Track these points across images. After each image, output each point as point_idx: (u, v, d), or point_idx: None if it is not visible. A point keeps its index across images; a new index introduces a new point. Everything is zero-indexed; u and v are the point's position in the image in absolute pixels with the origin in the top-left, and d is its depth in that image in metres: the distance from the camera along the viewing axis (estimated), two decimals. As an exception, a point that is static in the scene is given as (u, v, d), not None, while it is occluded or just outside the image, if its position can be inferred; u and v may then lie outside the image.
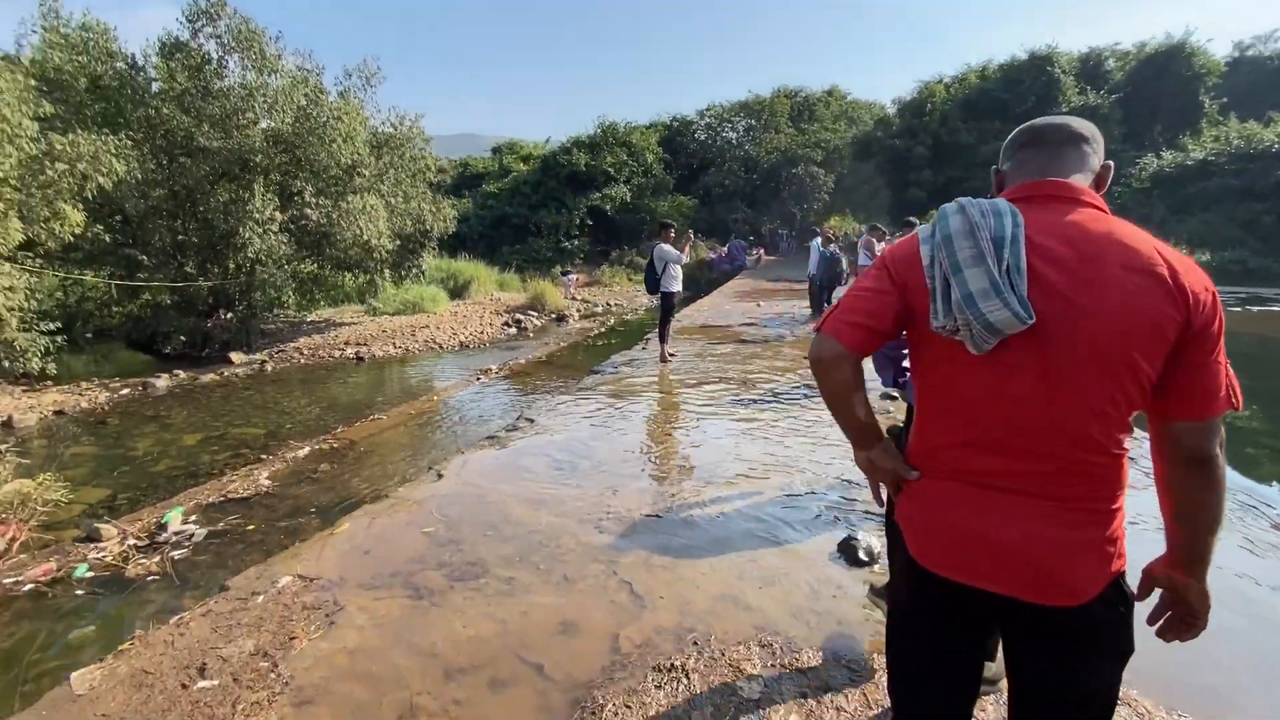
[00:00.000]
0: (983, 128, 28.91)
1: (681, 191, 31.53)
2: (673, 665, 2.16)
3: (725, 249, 25.60)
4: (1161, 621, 1.19)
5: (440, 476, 3.99)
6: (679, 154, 34.86)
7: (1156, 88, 31.51)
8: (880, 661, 2.22)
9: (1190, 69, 32.21)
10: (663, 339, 8.00)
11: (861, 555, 2.88)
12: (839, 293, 11.02)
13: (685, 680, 2.09)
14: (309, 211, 12.42)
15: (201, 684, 2.06)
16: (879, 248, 8.73)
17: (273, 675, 2.11)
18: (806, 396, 5.94)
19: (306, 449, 6.22)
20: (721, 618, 2.46)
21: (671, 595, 2.61)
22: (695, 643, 2.29)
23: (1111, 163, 1.22)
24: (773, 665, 2.17)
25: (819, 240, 11.66)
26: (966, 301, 1.04)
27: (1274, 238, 21.48)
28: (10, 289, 8.27)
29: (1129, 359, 1.02)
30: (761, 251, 29.04)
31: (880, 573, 2.79)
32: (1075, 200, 1.12)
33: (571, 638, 2.35)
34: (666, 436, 4.93)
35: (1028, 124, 1.24)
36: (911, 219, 8.75)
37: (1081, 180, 1.15)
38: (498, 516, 3.37)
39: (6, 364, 8.45)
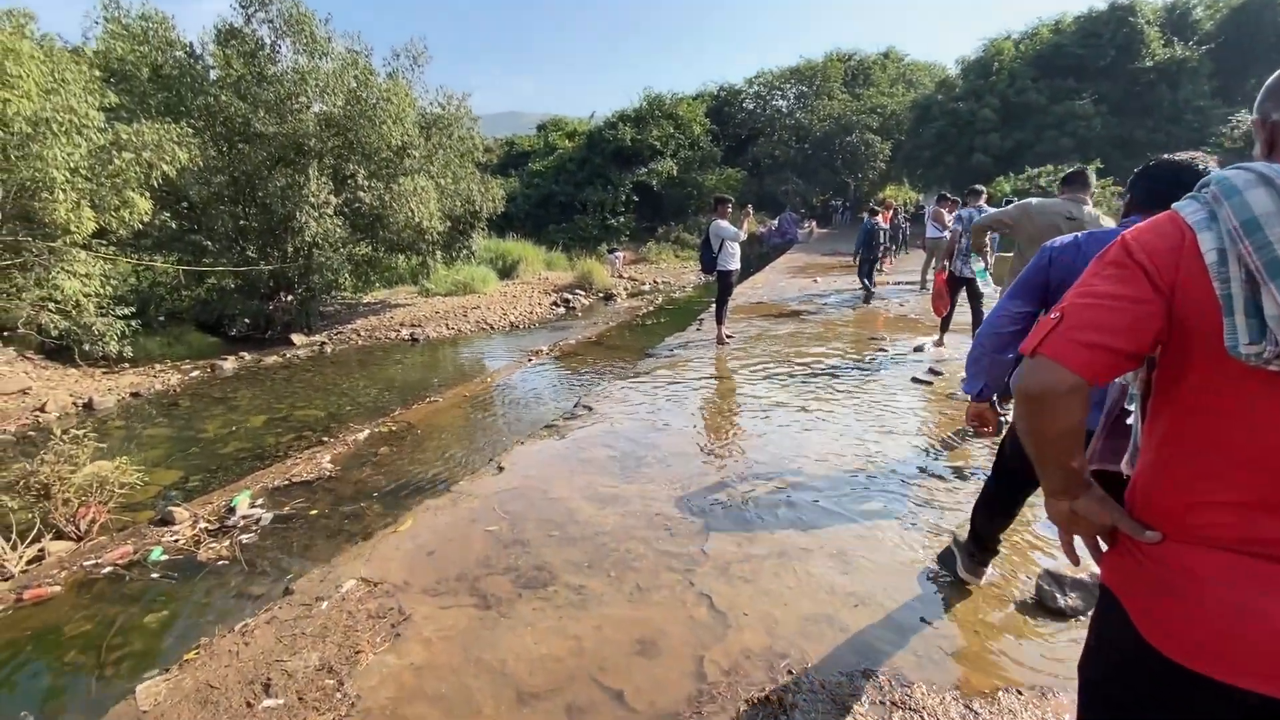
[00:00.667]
0: (1055, 86, 26.95)
1: (729, 164, 30.67)
2: (768, 698, 1.94)
3: (775, 222, 24.81)
4: None
5: (501, 470, 3.85)
6: (727, 124, 33.87)
7: (1252, 37, 28.68)
8: (1010, 699, 1.94)
9: (1292, 14, 29.16)
10: (720, 320, 7.69)
11: (961, 572, 2.58)
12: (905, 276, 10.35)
13: (786, 718, 1.86)
14: (362, 194, 12.51)
15: (266, 702, 1.96)
16: (949, 219, 8.11)
17: (339, 695, 1.99)
18: (866, 376, 5.57)
19: (366, 431, 6.24)
20: (816, 641, 2.22)
21: (756, 612, 2.38)
22: (790, 671, 2.06)
23: None
24: (883, 702, 1.92)
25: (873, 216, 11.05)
26: None
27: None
28: (87, 275, 8.59)
29: None
30: (814, 224, 28.09)
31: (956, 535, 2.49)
32: None
33: (651, 659, 2.15)
34: (730, 425, 4.67)
35: None
36: (978, 187, 8.00)
37: None
38: (562, 515, 3.21)
39: (87, 347, 8.82)
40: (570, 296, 15.79)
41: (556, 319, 13.76)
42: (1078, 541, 1.04)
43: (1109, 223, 2.99)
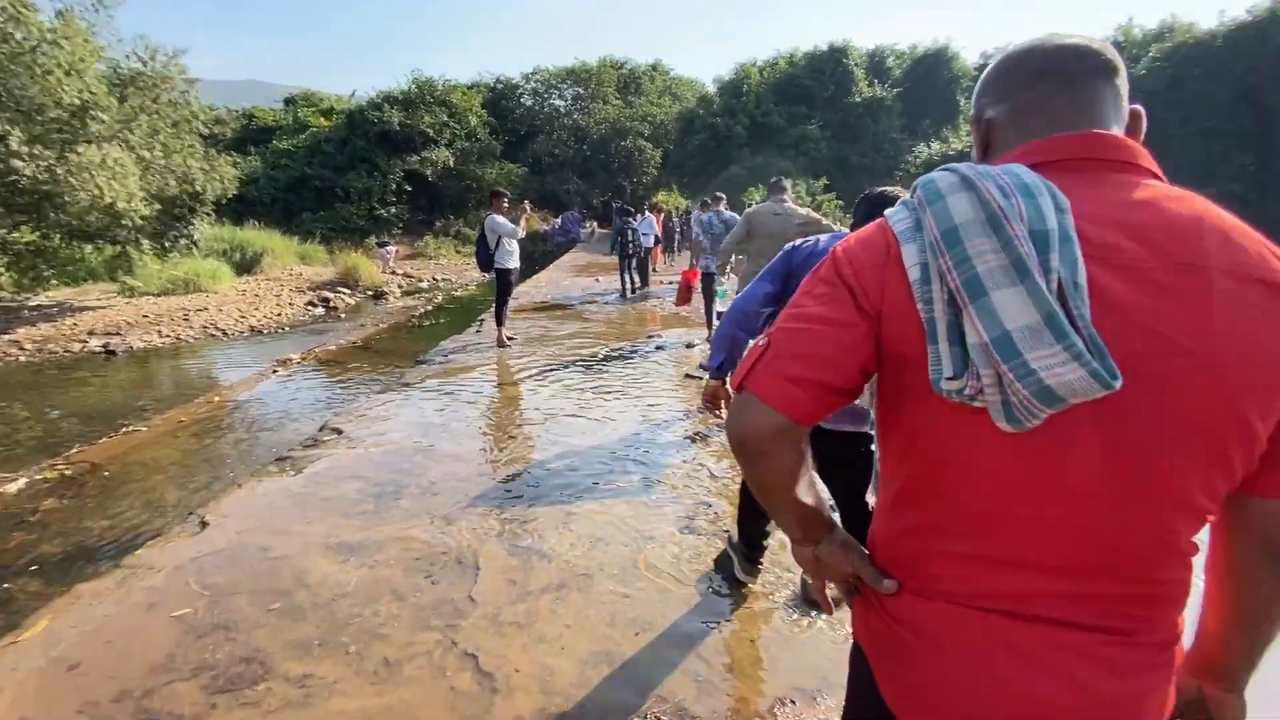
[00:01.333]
0: (792, 111, 31.00)
1: (510, 159, 30.00)
2: (540, 782, 1.65)
3: (559, 220, 24.88)
4: None
5: (204, 525, 2.99)
6: (505, 118, 33.12)
7: (927, 85, 36.19)
8: (785, 711, 1.90)
9: (950, 71, 37.45)
10: (499, 321, 7.25)
11: (738, 574, 2.57)
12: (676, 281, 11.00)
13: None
14: (18, 163, 9.54)
15: None
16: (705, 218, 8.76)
17: None
18: (644, 374, 5.66)
19: (22, 480, 4.66)
20: (596, 688, 1.98)
21: (530, 666, 2.08)
22: (566, 735, 1.80)
23: (1140, 108, 0.79)
24: (667, 754, 1.75)
25: (649, 218, 11.57)
26: (1002, 348, 0.61)
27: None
28: None
29: (1243, 423, 0.64)
30: (595, 224, 28.75)
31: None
32: (1133, 166, 0.71)
33: (397, 761, 1.72)
34: (509, 438, 4.31)
35: (1028, 46, 0.77)
36: (718, 194, 8.78)
37: (1119, 128, 0.75)
38: (288, 579, 2.55)
39: None
40: (331, 295, 13.93)
41: (313, 321, 11.99)
42: (831, 587, 0.89)
43: (816, 216, 3.73)
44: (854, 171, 31.55)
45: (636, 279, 11.67)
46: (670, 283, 12.33)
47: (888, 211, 0.76)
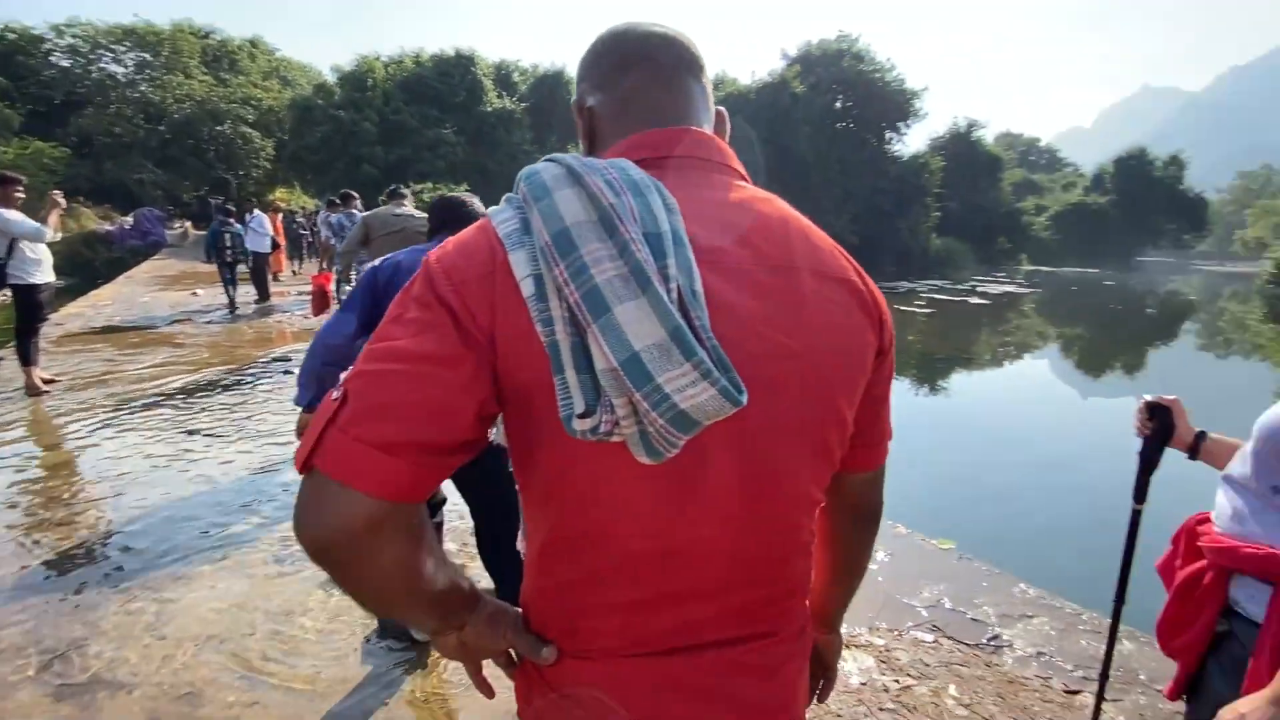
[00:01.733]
0: (424, 113, 30.18)
1: (38, 134, 22.07)
2: None
3: (130, 219, 19.31)
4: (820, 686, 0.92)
5: None
6: (25, 81, 24.35)
7: (551, 103, 39.33)
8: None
9: (569, 94, 41.35)
10: (26, 360, 5.17)
11: (413, 631, 2.26)
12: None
13: None
14: None
15: None
16: (334, 219, 7.91)
17: None
18: (262, 404, 4.74)
19: None
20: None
21: None
22: None
23: (724, 110, 0.80)
24: None
25: (260, 217, 9.84)
26: (632, 372, 0.51)
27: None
28: None
29: (838, 413, 0.66)
30: (188, 224, 23.26)
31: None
32: (728, 167, 0.70)
33: None
34: (66, 514, 3.05)
35: (622, 30, 0.72)
36: (349, 192, 8.12)
37: (709, 125, 0.74)
38: None
39: None
40: None
41: None
42: (489, 666, 0.74)
43: None
44: (494, 178, 32.41)
45: (254, 291, 9.82)
46: (301, 294, 10.68)
47: (491, 210, 0.61)
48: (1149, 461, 1.35)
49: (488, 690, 0.77)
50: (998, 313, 17.13)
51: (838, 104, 30.76)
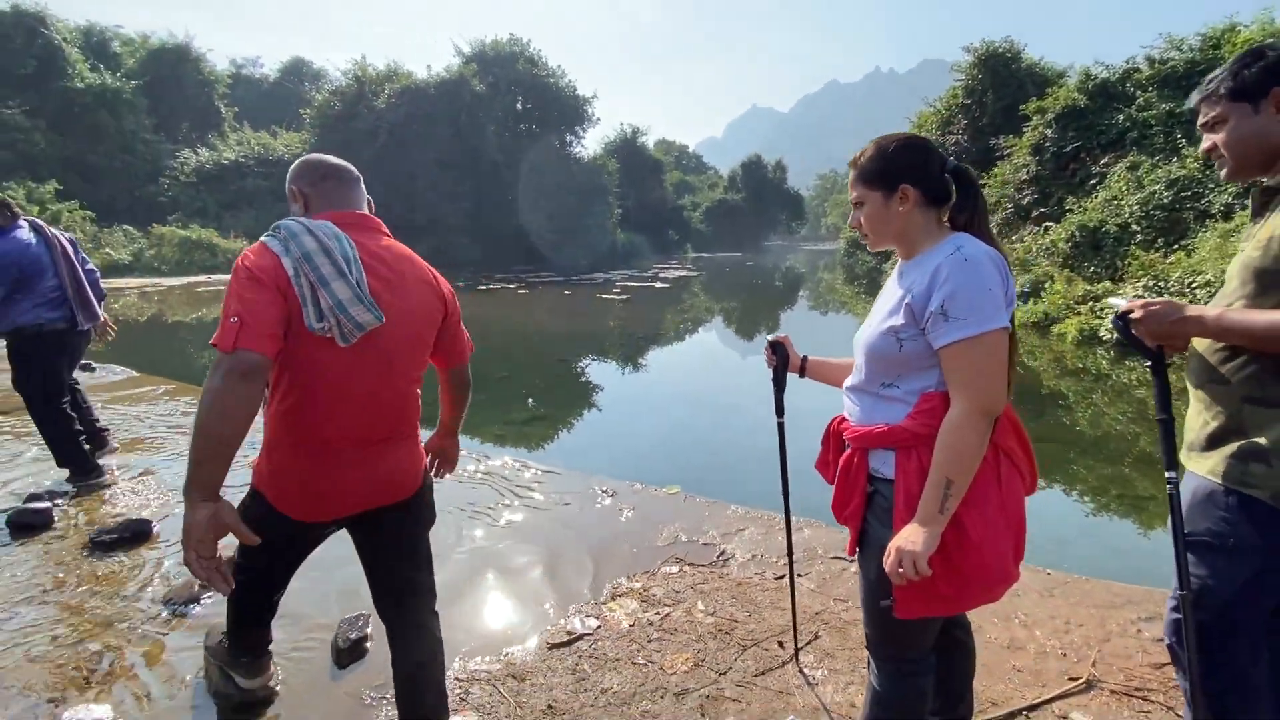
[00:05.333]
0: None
1: None
2: None
3: None
4: (438, 465, 1.85)
5: None
6: None
7: (175, 84, 32.23)
8: None
9: (200, 74, 34.52)
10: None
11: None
12: None
13: None
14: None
15: None
16: None
17: None
18: None
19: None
20: None
21: None
22: None
23: (371, 201, 1.59)
24: None
25: None
26: (337, 308, 1.31)
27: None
28: None
29: (425, 338, 1.54)
30: None
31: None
32: (379, 229, 1.52)
33: None
34: None
35: (319, 159, 1.52)
36: None
37: (366, 209, 1.54)
38: None
39: None
40: None
41: None
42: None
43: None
44: (101, 175, 25.38)
45: None
46: None
47: (264, 238, 1.36)
48: (779, 383, 1.80)
49: (226, 583, 1.23)
50: (677, 294, 19.82)
51: (518, 105, 31.61)
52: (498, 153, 28.83)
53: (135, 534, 2.87)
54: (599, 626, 2.33)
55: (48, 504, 3.08)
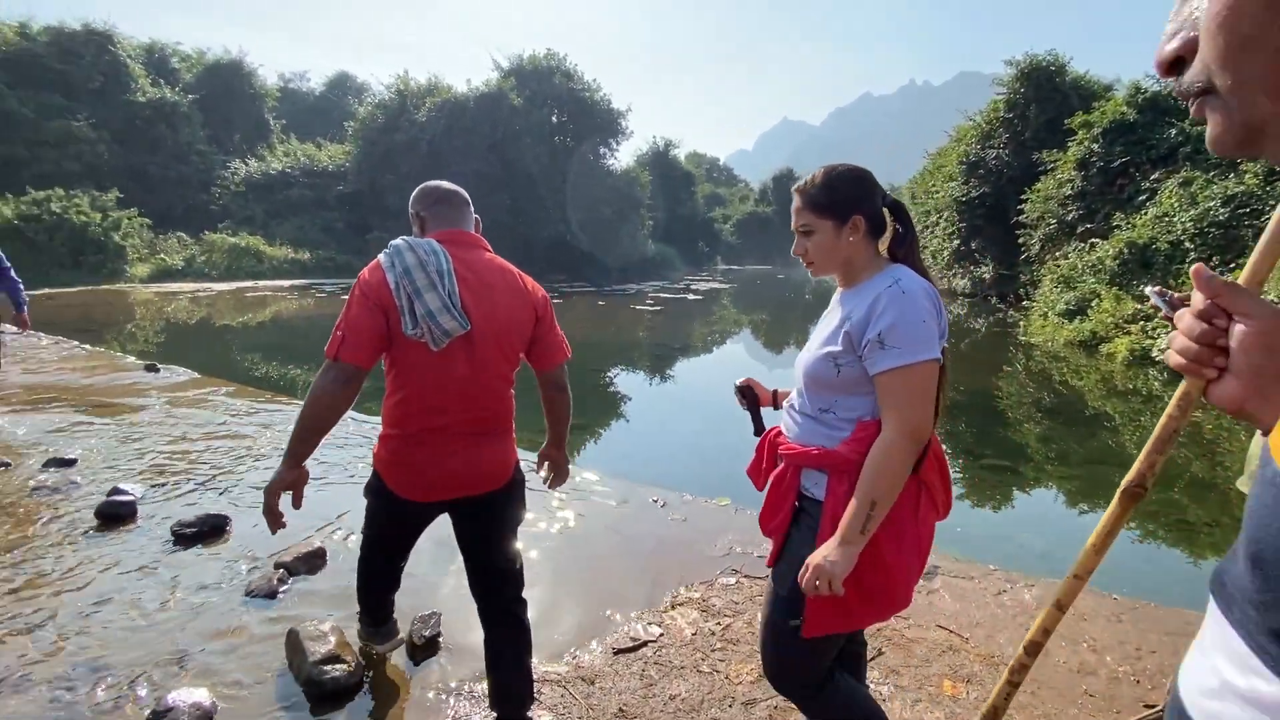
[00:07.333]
0: (42, 101, 23.41)
1: None
2: None
3: None
4: (552, 478, 1.96)
5: None
6: None
7: (228, 98, 33.56)
8: None
9: (252, 88, 35.88)
10: None
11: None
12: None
13: None
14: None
15: None
16: None
17: None
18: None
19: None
20: None
21: None
22: None
23: (478, 217, 1.79)
24: None
25: None
26: (428, 316, 1.51)
27: (346, 240, 27.29)
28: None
29: (513, 343, 1.68)
30: None
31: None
32: (478, 245, 1.71)
33: None
34: None
35: (434, 185, 1.73)
36: None
37: (472, 229, 1.74)
38: None
39: None
40: None
41: None
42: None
43: None
44: (158, 184, 26.52)
45: None
46: None
47: (380, 257, 1.58)
48: (756, 421, 1.75)
49: (279, 524, 1.55)
50: (708, 306, 19.83)
51: (554, 118, 32.12)
52: (533, 165, 29.30)
53: (213, 528, 3.00)
54: (662, 634, 2.37)
55: (131, 496, 3.25)
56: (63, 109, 23.87)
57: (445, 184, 1.72)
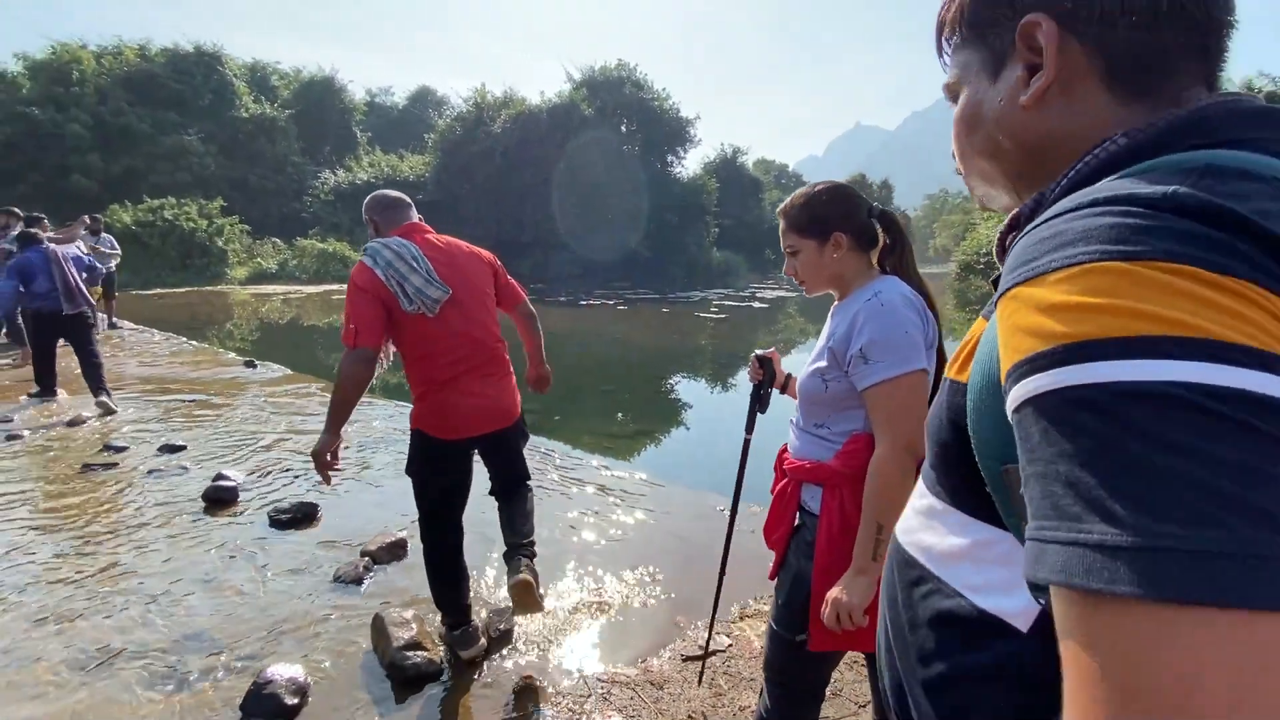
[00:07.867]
0: (158, 117, 25.71)
1: None
2: None
3: None
4: (537, 387, 2.37)
5: None
6: None
7: (320, 112, 35.83)
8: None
9: (343, 103, 38.16)
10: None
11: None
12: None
13: None
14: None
15: None
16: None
17: None
18: None
19: None
20: None
21: None
22: None
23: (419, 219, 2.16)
24: None
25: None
26: (418, 292, 1.92)
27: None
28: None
29: (486, 293, 2.13)
30: None
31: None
32: (426, 230, 2.10)
33: None
34: None
35: (381, 194, 2.15)
36: (99, 215, 9.59)
37: (419, 219, 2.14)
38: None
39: None
40: None
41: None
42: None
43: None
44: (257, 195, 28.58)
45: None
46: None
47: (361, 259, 1.97)
48: (758, 400, 1.71)
49: (328, 478, 1.95)
50: (773, 315, 19.54)
51: (623, 127, 32.55)
52: (603, 174, 29.78)
53: (305, 515, 3.20)
54: (730, 644, 2.35)
55: (233, 482, 3.51)
56: (176, 124, 26.06)
57: (390, 192, 2.15)
